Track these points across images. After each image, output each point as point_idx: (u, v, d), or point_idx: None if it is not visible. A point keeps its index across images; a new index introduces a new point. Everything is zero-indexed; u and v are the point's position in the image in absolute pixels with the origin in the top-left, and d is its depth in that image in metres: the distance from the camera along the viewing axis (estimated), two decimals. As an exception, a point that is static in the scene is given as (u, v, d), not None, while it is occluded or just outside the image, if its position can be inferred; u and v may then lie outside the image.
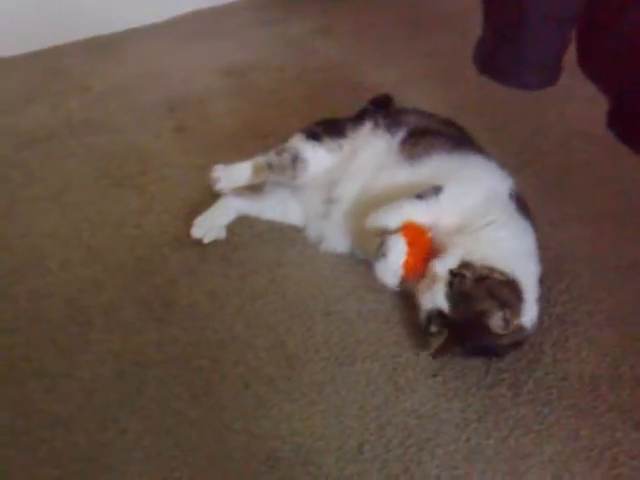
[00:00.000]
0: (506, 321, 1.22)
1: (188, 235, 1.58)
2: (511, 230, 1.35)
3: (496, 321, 1.22)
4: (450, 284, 1.26)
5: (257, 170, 1.63)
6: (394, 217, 1.36)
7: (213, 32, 2.66)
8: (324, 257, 1.56)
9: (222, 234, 1.61)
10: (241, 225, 1.65)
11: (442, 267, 1.28)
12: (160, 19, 2.73)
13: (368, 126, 1.61)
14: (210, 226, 1.60)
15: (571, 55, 1.33)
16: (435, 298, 1.27)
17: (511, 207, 1.39)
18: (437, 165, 1.47)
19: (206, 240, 1.58)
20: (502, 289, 1.24)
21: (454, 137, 1.56)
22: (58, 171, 1.88)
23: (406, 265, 1.33)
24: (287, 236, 1.62)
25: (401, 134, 1.55)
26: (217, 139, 1.99)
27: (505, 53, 1.30)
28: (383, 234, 1.36)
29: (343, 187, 1.55)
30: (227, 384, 1.28)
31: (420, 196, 1.37)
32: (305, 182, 1.61)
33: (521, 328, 1.25)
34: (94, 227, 1.66)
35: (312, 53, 2.47)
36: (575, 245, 1.53)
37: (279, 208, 1.66)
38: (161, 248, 1.59)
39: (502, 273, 1.26)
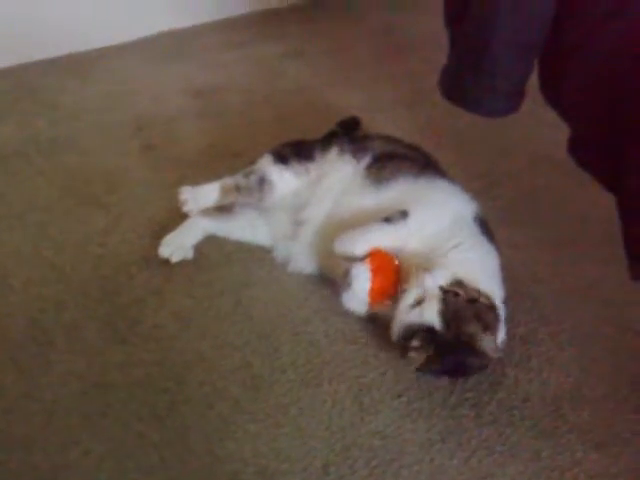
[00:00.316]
0: (496, 344, 1.24)
1: (155, 255, 1.57)
2: (477, 252, 1.38)
3: (489, 344, 1.23)
4: (444, 301, 1.25)
5: (225, 192, 1.63)
6: (361, 243, 1.36)
7: (182, 53, 2.67)
8: (292, 278, 1.56)
9: (189, 254, 1.60)
10: (209, 245, 1.64)
11: (433, 282, 1.27)
12: (130, 39, 2.74)
13: (335, 151, 1.62)
14: (177, 246, 1.59)
15: (535, 80, 1.37)
16: (426, 314, 1.25)
17: (476, 230, 1.42)
18: (403, 189, 1.48)
19: (173, 260, 1.57)
20: (488, 313, 1.26)
21: (420, 161, 1.58)
22: (23, 189, 1.86)
23: (372, 293, 1.33)
24: (255, 256, 1.62)
25: (367, 159, 1.57)
26: (185, 158, 1.99)
27: (469, 80, 1.33)
28: (350, 260, 1.36)
29: (310, 210, 1.56)
30: (191, 405, 1.27)
31: (387, 220, 1.38)
32: (273, 203, 1.62)
33: None
34: (58, 246, 1.64)
35: (281, 75, 2.50)
36: (537, 267, 1.56)
37: (247, 228, 1.66)
38: (127, 267, 1.57)
39: (487, 297, 1.27)
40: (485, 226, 1.44)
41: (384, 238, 1.37)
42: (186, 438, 1.21)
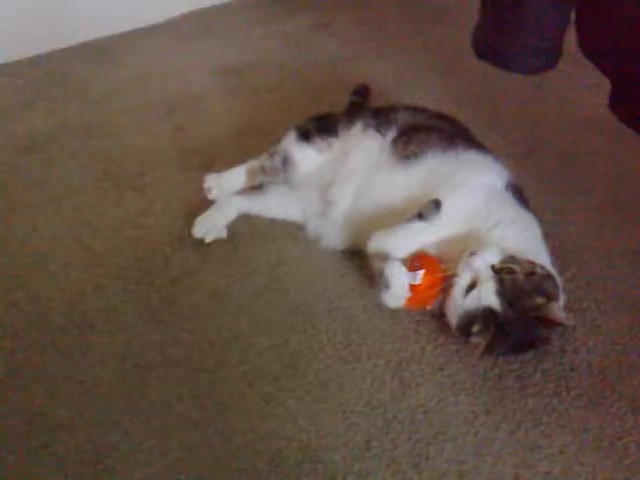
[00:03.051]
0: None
1: (189, 235, 1.57)
2: (519, 224, 1.33)
3: (558, 312, 1.19)
4: (501, 280, 1.20)
5: (251, 174, 1.64)
6: (402, 247, 1.32)
7: (210, 31, 2.65)
8: (327, 254, 1.54)
9: (223, 233, 1.59)
10: (242, 224, 1.63)
11: (483, 262, 1.22)
12: (157, 20, 2.72)
13: (359, 126, 1.58)
14: (211, 226, 1.58)
15: (572, 41, 1.31)
16: (483, 297, 1.20)
17: (511, 200, 1.37)
18: (432, 166, 1.43)
19: (207, 240, 1.56)
20: (547, 283, 1.22)
21: (447, 132, 1.52)
22: (57, 175, 1.87)
23: (416, 298, 1.30)
24: (289, 234, 1.60)
25: (392, 133, 1.53)
26: (216, 138, 1.98)
27: (502, 36, 1.28)
28: (384, 259, 1.32)
29: (338, 189, 1.52)
30: (231, 384, 1.27)
31: (422, 216, 1.32)
32: (300, 181, 1.60)
33: None
34: (94, 230, 1.65)
35: (310, 49, 2.45)
36: (580, 233, 1.51)
37: (279, 206, 1.64)
38: (162, 249, 1.57)
39: (542, 267, 1.23)
40: (519, 193, 1.40)
41: (423, 237, 1.33)
42: (227, 417, 1.21)
